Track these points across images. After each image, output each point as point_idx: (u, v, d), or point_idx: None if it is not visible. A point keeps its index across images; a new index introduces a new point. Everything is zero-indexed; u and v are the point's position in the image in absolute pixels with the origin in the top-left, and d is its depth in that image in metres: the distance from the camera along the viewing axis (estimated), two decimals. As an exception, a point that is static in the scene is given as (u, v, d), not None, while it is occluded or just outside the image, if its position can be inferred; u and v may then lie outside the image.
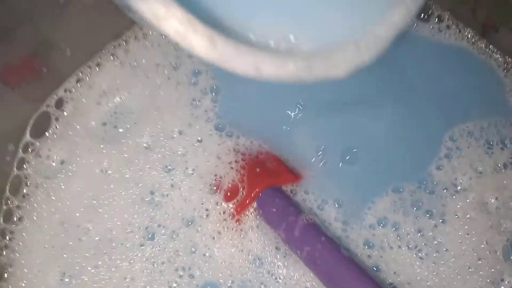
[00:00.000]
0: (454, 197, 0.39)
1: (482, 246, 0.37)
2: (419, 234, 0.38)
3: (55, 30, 0.39)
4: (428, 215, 0.38)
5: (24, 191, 0.38)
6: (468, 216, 0.38)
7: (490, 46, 0.42)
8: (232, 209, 0.37)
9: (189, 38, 0.19)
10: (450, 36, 0.42)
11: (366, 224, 0.38)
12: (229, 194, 0.37)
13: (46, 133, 0.40)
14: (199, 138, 0.40)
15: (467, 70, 0.42)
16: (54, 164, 0.39)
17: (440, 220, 0.38)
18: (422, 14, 0.42)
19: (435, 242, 0.38)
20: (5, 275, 0.37)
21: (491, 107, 0.41)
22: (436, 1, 0.43)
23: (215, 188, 0.38)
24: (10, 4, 0.35)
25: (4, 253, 0.37)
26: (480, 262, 0.37)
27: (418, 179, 0.39)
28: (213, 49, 0.20)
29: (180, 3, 0.20)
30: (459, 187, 0.39)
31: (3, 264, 0.37)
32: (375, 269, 0.37)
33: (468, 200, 0.39)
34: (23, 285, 0.36)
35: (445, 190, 0.39)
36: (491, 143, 0.40)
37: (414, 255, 0.37)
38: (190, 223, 0.38)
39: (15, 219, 0.38)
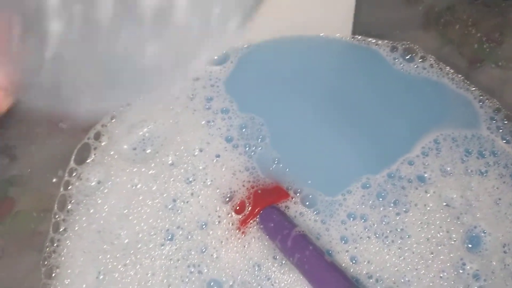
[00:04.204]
0: (417, 189, 0.42)
1: (441, 234, 0.40)
2: (383, 223, 0.41)
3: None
4: (392, 205, 0.41)
5: (69, 207, 0.43)
6: (428, 208, 0.41)
7: (467, 81, 0.47)
8: (238, 223, 0.41)
9: None
10: (432, 73, 0.47)
11: (339, 219, 0.41)
12: (238, 208, 0.42)
13: (87, 160, 0.45)
14: (218, 154, 0.45)
15: (449, 98, 0.47)
16: (92, 184, 0.44)
17: (404, 209, 0.41)
18: (409, 55, 0.48)
19: (398, 229, 0.40)
20: (53, 274, 0.41)
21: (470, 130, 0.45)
22: (420, 44, 0.48)
23: (227, 200, 0.42)
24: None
25: (53, 256, 0.41)
26: (440, 248, 0.39)
27: (387, 172, 0.42)
28: None
29: None
30: (422, 182, 0.42)
31: (51, 265, 0.41)
32: (354, 261, 0.39)
33: (428, 194, 0.41)
34: (67, 282, 0.40)
35: (409, 183, 0.42)
36: (470, 151, 0.43)
37: (382, 243, 0.40)
38: (204, 226, 0.41)
39: (61, 230, 0.42)
